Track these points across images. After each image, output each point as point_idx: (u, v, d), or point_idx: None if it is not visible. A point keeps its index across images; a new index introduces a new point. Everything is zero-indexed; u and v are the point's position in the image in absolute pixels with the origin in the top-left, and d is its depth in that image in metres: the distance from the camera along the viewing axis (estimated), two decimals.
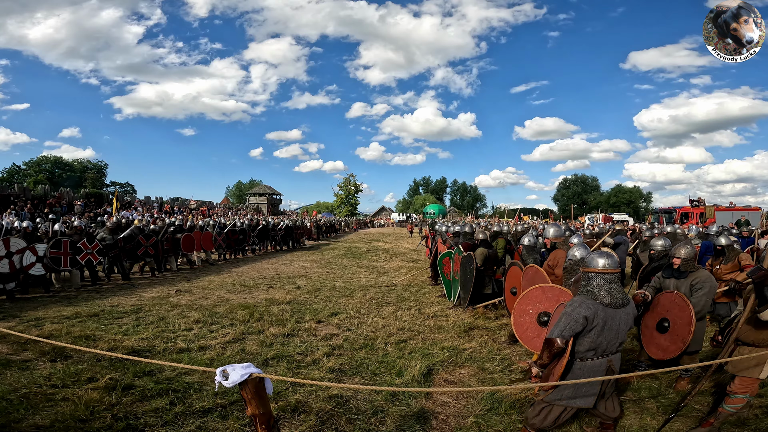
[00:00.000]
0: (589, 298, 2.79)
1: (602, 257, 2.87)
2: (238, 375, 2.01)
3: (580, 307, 2.72)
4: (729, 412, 3.20)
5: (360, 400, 3.75)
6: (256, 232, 16.42)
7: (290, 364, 4.61)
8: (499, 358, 4.82)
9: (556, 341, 2.68)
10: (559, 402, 2.83)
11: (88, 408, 3.37)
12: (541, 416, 2.89)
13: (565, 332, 2.68)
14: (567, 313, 2.72)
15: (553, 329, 2.73)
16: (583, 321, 2.69)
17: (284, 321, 6.33)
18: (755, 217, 25.70)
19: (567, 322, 2.70)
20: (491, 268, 6.41)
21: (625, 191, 65.99)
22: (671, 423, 3.25)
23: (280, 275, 11.14)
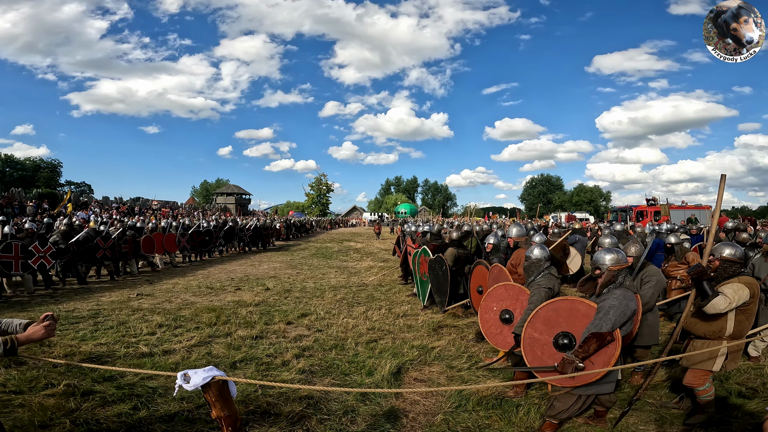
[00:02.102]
0: (629, 291, 2.93)
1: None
2: (200, 378, 1.98)
3: (630, 301, 2.86)
4: (705, 400, 3.35)
5: (331, 400, 3.75)
6: (222, 232, 15.99)
7: (259, 366, 4.55)
8: (466, 355, 4.91)
9: (608, 335, 2.74)
10: (589, 391, 2.91)
11: (47, 414, 3.26)
12: (572, 408, 2.95)
13: (616, 324, 2.77)
14: (615, 306, 2.81)
15: (602, 323, 2.77)
16: (630, 314, 2.83)
17: (252, 323, 6.22)
18: (706, 215, 27.42)
19: (618, 315, 2.78)
20: (462, 268, 6.51)
21: (586, 190, 68.74)
22: (627, 417, 3.40)
23: (249, 277, 10.92)
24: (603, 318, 2.76)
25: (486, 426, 3.37)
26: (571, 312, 3.08)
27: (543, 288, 3.69)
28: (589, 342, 2.69)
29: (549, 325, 3.15)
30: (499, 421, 3.41)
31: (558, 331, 3.09)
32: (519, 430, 3.30)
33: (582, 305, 3.02)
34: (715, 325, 3.17)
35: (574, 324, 3.03)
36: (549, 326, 3.14)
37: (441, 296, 6.69)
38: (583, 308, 3.01)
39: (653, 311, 4.11)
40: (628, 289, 2.93)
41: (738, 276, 3.18)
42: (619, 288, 2.93)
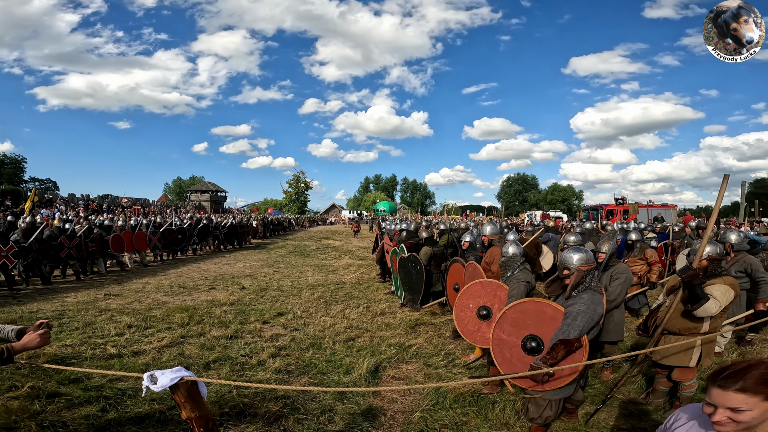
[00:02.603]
0: (597, 294, 2.88)
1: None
2: (168, 379, 1.91)
3: (598, 305, 2.79)
4: (688, 396, 3.46)
5: (308, 399, 3.72)
6: (196, 231, 15.59)
7: (234, 366, 4.47)
8: (443, 353, 4.94)
9: (576, 341, 2.69)
10: (557, 396, 2.87)
11: (11, 416, 3.14)
12: (545, 412, 2.93)
13: (584, 330, 2.72)
14: (583, 312, 2.74)
15: (570, 330, 2.70)
16: (598, 318, 2.78)
17: (227, 323, 6.09)
18: (671, 214, 28.59)
19: (585, 321, 2.72)
20: (438, 266, 6.55)
21: (560, 189, 70.48)
22: (599, 413, 3.48)
23: (224, 276, 10.69)
24: (571, 324, 2.71)
25: (463, 423, 3.39)
26: (539, 314, 3.04)
27: (522, 282, 3.76)
28: (557, 349, 2.65)
29: (517, 327, 3.13)
30: (476, 418, 3.44)
31: (526, 334, 3.06)
32: (495, 426, 3.34)
33: (549, 308, 2.98)
34: (692, 323, 3.23)
35: (541, 327, 2.99)
36: (517, 328, 3.12)
37: (413, 294, 6.70)
38: (549, 311, 2.97)
39: (620, 308, 4.21)
40: (595, 292, 2.87)
41: (721, 276, 3.23)
42: (587, 291, 2.87)
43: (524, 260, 4.01)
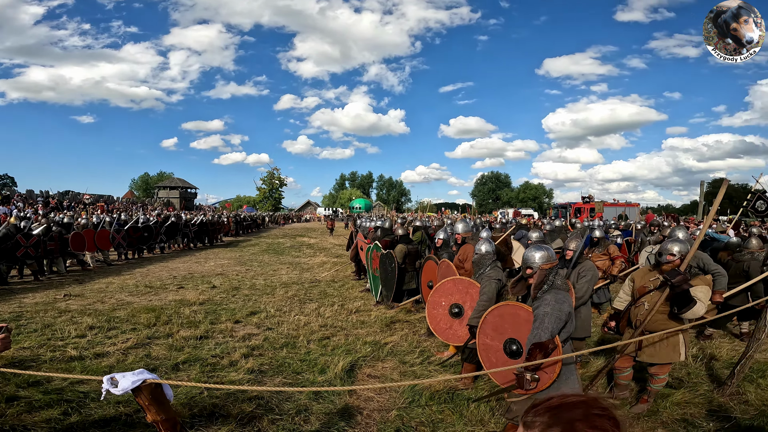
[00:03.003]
0: (560, 292, 2.84)
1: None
2: (129, 382, 1.81)
3: (563, 304, 2.76)
4: (657, 389, 3.55)
5: (283, 399, 3.66)
6: (164, 228, 15.05)
7: (204, 367, 4.36)
8: (418, 350, 4.95)
9: (549, 343, 2.66)
10: (542, 394, 2.80)
11: None
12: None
13: (554, 331, 2.69)
14: (549, 314, 2.71)
15: (540, 333, 2.67)
16: (566, 317, 2.75)
17: (197, 323, 5.91)
18: (634, 212, 29.82)
19: (553, 321, 2.69)
20: (413, 264, 6.55)
21: (531, 188, 72.22)
22: None
23: (193, 274, 10.37)
24: (539, 327, 2.69)
25: (439, 420, 3.40)
26: (514, 318, 3.03)
27: (493, 279, 3.79)
28: (534, 353, 2.63)
29: (497, 331, 3.13)
30: (452, 415, 3.45)
31: (506, 338, 3.05)
32: (471, 423, 3.35)
33: (522, 311, 2.97)
34: (672, 323, 3.29)
35: (519, 330, 2.98)
36: (498, 332, 3.13)
37: (388, 291, 6.70)
38: (523, 314, 2.95)
39: (587, 305, 4.26)
40: (559, 290, 2.83)
41: (697, 276, 3.34)
42: (550, 291, 2.83)
43: (496, 258, 4.04)
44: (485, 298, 3.69)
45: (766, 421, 3.33)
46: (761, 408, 3.54)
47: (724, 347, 5.14)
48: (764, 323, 3.63)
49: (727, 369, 4.31)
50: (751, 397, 3.74)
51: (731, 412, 3.51)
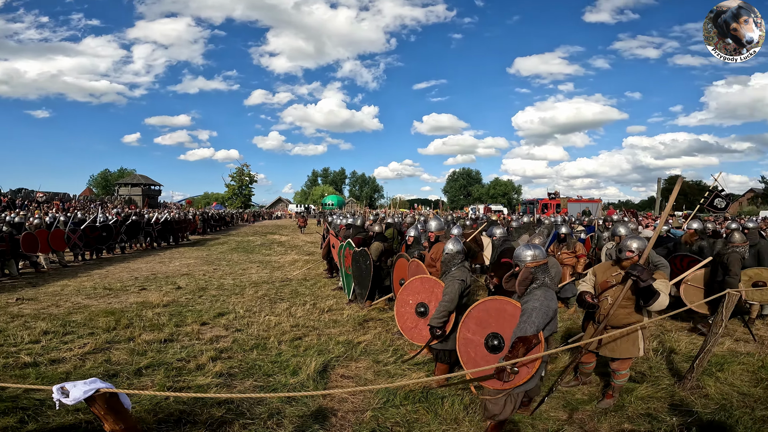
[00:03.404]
0: (549, 290, 2.88)
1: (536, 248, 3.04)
2: (81, 392, 1.70)
3: (551, 301, 2.80)
4: (620, 384, 3.62)
5: (254, 403, 3.56)
6: (124, 227, 14.35)
7: (169, 371, 4.19)
8: (392, 349, 4.92)
9: (534, 338, 2.68)
10: (518, 390, 2.87)
11: None
12: (506, 408, 2.91)
13: (540, 326, 2.72)
14: (537, 308, 2.74)
15: (527, 327, 2.69)
16: (552, 314, 2.78)
17: (160, 326, 5.67)
18: (597, 208, 31.02)
19: (540, 317, 2.72)
20: (386, 261, 6.51)
21: (501, 184, 73.85)
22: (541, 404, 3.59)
23: (156, 275, 9.94)
24: (527, 321, 2.73)
25: (414, 420, 3.38)
26: (500, 312, 3.05)
27: (457, 280, 3.74)
28: (517, 347, 2.67)
29: (481, 325, 3.13)
30: (427, 414, 3.43)
31: (488, 332, 3.07)
32: (445, 422, 3.34)
33: (509, 305, 3.01)
34: (634, 317, 3.37)
35: (502, 324, 3.00)
36: (481, 327, 3.13)
37: (362, 289, 6.64)
38: (510, 309, 2.98)
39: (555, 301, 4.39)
40: (548, 288, 2.90)
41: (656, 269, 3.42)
42: (540, 288, 2.90)
43: (464, 258, 4.01)
44: (447, 299, 3.66)
45: (727, 415, 3.41)
46: (721, 402, 3.65)
47: (683, 340, 5.30)
48: (721, 318, 3.74)
49: (686, 362, 4.43)
50: (710, 390, 3.85)
51: (692, 406, 3.60)
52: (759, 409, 3.51)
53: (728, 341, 5.19)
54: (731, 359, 4.57)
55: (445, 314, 3.67)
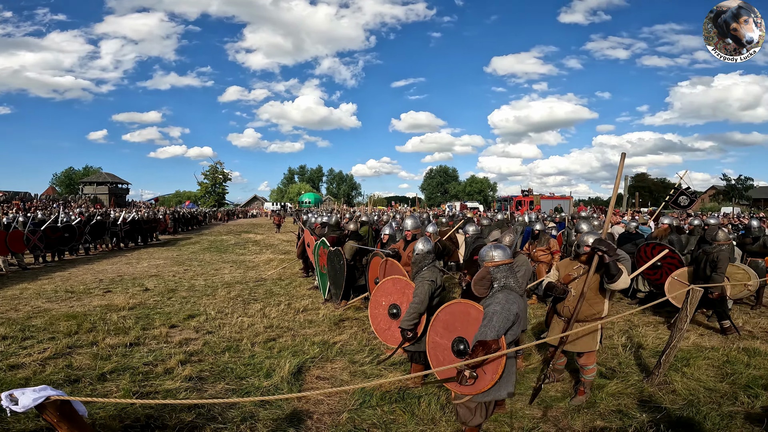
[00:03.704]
0: (512, 292, 2.81)
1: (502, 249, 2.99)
2: (30, 399, 1.63)
3: (512, 305, 2.73)
4: (590, 380, 3.67)
5: (226, 407, 3.45)
6: (89, 227, 13.73)
7: (135, 376, 4.04)
8: (368, 348, 4.88)
9: (493, 343, 2.61)
10: (487, 398, 2.83)
11: None
12: (477, 415, 2.88)
13: (501, 330, 2.64)
14: (497, 312, 2.67)
15: (487, 331, 2.62)
16: (513, 317, 2.71)
17: (126, 329, 5.46)
18: (569, 204, 31.91)
19: (501, 321, 2.65)
20: (361, 260, 6.44)
21: (477, 181, 74.95)
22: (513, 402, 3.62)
23: (123, 277, 9.55)
24: (487, 325, 2.66)
25: (391, 421, 3.35)
26: (464, 316, 2.99)
27: (426, 281, 3.68)
28: (477, 351, 2.59)
29: (448, 329, 3.09)
30: (403, 415, 3.41)
31: (455, 336, 3.02)
32: (422, 422, 3.32)
33: (473, 309, 2.94)
34: (597, 307, 3.45)
35: (467, 328, 2.92)
36: (448, 330, 3.09)
37: (337, 289, 6.55)
38: (474, 312, 2.92)
39: (522, 298, 4.38)
40: (511, 291, 2.83)
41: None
42: (502, 291, 2.83)
43: (435, 258, 3.96)
44: (417, 301, 3.61)
45: (695, 411, 3.46)
46: (688, 398, 3.72)
47: (650, 335, 5.41)
48: (685, 314, 3.82)
49: (653, 357, 4.49)
50: (678, 386, 3.92)
51: (661, 402, 3.65)
52: (725, 404, 3.58)
53: (693, 336, 5.36)
54: (696, 354, 4.69)
55: (415, 316, 3.62)
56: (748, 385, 3.91)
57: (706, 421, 3.32)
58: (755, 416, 3.38)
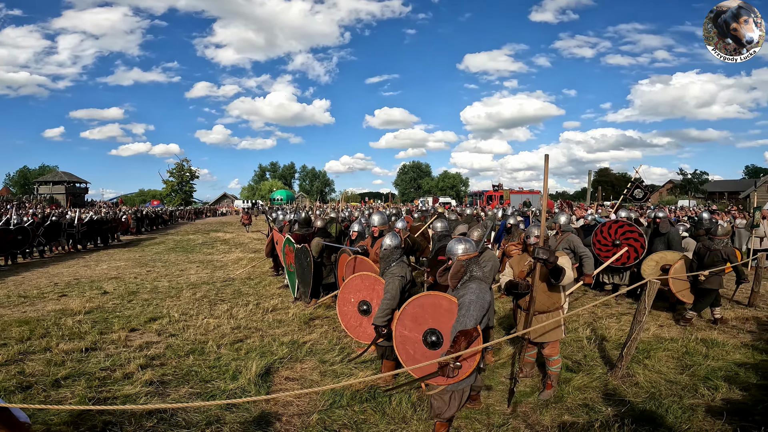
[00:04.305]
0: (482, 283, 2.86)
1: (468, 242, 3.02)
2: None
3: (485, 293, 2.79)
4: (556, 372, 3.71)
5: (190, 411, 3.33)
6: (42, 229, 12.94)
7: (91, 382, 3.88)
8: (338, 347, 4.82)
9: (474, 331, 2.66)
10: (462, 385, 2.84)
11: None
12: (452, 405, 2.88)
13: (478, 319, 2.70)
14: (474, 301, 2.72)
15: (466, 320, 2.67)
16: (487, 306, 2.78)
17: (82, 334, 5.21)
18: (537, 199, 32.79)
19: (477, 310, 2.70)
20: (329, 258, 6.36)
21: (450, 177, 75.75)
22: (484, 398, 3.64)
23: (80, 280, 9.06)
24: (466, 315, 2.72)
25: (362, 421, 3.30)
26: (435, 308, 3.00)
27: (396, 277, 3.67)
28: (459, 341, 2.64)
29: (417, 322, 3.08)
30: (374, 414, 3.37)
31: (426, 328, 3.02)
32: (394, 421, 3.30)
33: (444, 300, 2.97)
34: (554, 297, 3.53)
35: (439, 320, 2.96)
36: (417, 323, 3.08)
37: (305, 287, 6.45)
38: (445, 303, 2.95)
39: (490, 291, 4.43)
40: (482, 281, 2.91)
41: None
42: (473, 281, 2.89)
43: (402, 253, 3.94)
44: (388, 297, 3.60)
45: (657, 404, 3.49)
46: (650, 390, 3.76)
47: (613, 327, 5.47)
48: (644, 306, 3.87)
49: (617, 350, 4.51)
50: (640, 378, 3.96)
51: (625, 395, 3.68)
52: (687, 397, 3.64)
53: (653, 327, 5.48)
54: (657, 345, 4.78)
55: (387, 312, 3.60)
56: (708, 377, 3.97)
57: (668, 415, 3.33)
58: (716, 409, 3.41)
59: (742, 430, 3.09)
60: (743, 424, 3.17)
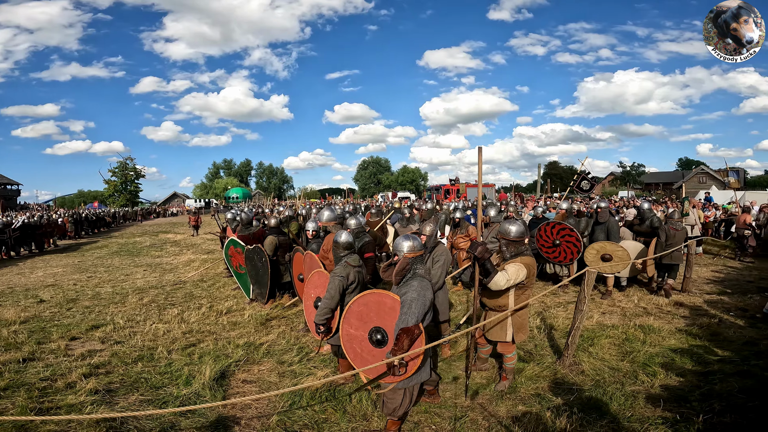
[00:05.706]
0: (423, 280, 2.89)
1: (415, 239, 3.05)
2: None
3: (427, 291, 2.82)
4: (511, 367, 3.80)
5: (142, 419, 3.22)
6: None
7: (32, 392, 3.70)
8: (297, 347, 4.78)
9: (415, 328, 2.68)
10: (412, 382, 2.87)
11: None
12: (404, 402, 2.89)
13: (420, 316, 2.73)
14: (415, 299, 2.74)
15: (408, 318, 2.69)
16: (429, 304, 2.81)
17: (18, 344, 4.90)
18: (492, 192, 33.92)
19: (419, 307, 2.73)
20: (284, 256, 6.26)
21: (409, 171, 76.46)
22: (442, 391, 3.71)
23: (13, 289, 8.38)
24: (407, 312, 2.75)
25: (323, 420, 3.30)
26: (379, 306, 3.01)
27: (337, 276, 3.63)
28: (402, 339, 2.67)
29: (362, 320, 3.09)
30: (335, 413, 3.38)
31: (371, 326, 3.04)
32: (355, 419, 3.32)
33: (387, 298, 2.97)
34: (501, 300, 3.58)
35: (383, 318, 2.97)
36: (362, 321, 3.09)
37: (262, 288, 6.31)
38: (388, 302, 2.95)
39: (443, 289, 4.42)
40: (423, 278, 2.94)
41: (523, 255, 3.53)
42: (415, 278, 2.92)
43: (349, 252, 3.93)
44: (327, 297, 3.58)
45: (602, 392, 3.59)
46: (595, 378, 3.87)
47: (560, 316, 5.60)
48: (584, 295, 4.00)
49: (564, 338, 4.55)
50: (586, 366, 4.07)
51: (572, 383, 3.78)
52: (628, 384, 3.76)
53: (597, 314, 5.72)
54: (600, 333, 4.91)
55: (326, 311, 3.59)
56: (646, 363, 4.11)
57: (612, 402, 3.43)
58: (655, 396, 3.53)
59: (682, 417, 3.16)
60: (682, 410, 3.27)
